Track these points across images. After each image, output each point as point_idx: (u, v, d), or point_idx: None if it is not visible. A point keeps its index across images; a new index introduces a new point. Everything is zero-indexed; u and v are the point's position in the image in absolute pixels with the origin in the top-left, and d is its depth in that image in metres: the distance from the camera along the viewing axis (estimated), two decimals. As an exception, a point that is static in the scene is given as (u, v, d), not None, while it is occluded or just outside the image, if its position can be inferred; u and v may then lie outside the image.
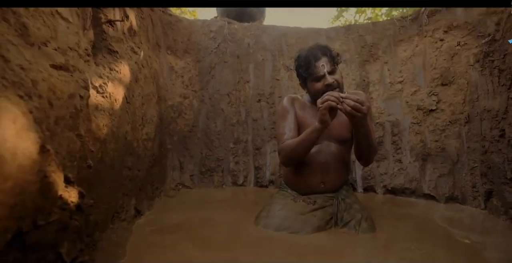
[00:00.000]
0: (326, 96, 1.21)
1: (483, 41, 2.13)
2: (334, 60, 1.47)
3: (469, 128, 2.13)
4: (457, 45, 2.22)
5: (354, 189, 2.36)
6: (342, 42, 2.68)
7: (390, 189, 2.31)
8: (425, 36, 2.41)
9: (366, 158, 1.51)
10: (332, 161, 1.54)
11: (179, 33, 2.52)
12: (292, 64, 2.95)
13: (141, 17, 2.06)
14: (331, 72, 1.46)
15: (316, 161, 1.54)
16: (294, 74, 2.94)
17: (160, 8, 2.40)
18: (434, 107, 2.29)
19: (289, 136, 1.53)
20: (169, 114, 2.35)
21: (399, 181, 2.29)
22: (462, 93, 2.19)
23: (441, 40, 2.32)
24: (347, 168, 1.61)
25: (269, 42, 2.73)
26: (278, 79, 2.67)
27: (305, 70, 1.50)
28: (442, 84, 2.28)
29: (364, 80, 2.59)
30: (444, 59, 2.29)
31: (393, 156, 2.38)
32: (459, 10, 2.30)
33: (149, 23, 2.21)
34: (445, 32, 2.32)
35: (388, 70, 2.53)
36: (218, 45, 2.62)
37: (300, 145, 1.38)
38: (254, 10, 2.88)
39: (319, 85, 1.48)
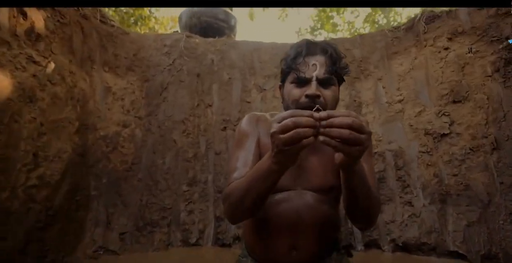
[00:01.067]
0: (291, 117, 0.60)
1: (501, 46, 1.69)
2: (334, 67, 0.90)
3: (498, 157, 1.60)
4: (469, 53, 1.77)
5: (352, 247, 1.72)
6: (325, 57, 2.24)
7: (401, 244, 1.69)
8: (425, 46, 1.98)
9: (363, 218, 0.92)
10: (308, 217, 0.94)
11: (123, 47, 2.04)
12: (265, 84, 2.51)
13: (58, 21, 1.59)
14: (323, 82, 0.89)
15: (283, 215, 0.94)
16: (269, 95, 2.53)
17: (99, 17, 1.95)
18: (447, 131, 1.77)
19: (241, 173, 0.92)
20: (98, 148, 1.77)
21: (413, 232, 1.68)
22: (482, 112, 1.69)
23: (446, 49, 1.89)
24: (333, 226, 1.01)
25: (238, 59, 2.27)
26: (248, 102, 2.16)
27: (288, 62, 0.94)
28: (454, 102, 1.79)
29: (354, 100, 2.10)
30: (453, 71, 1.83)
31: (400, 197, 1.80)
32: (462, 14, 1.90)
33: (76, 32, 1.74)
34: (449, 39, 1.89)
35: (384, 87, 2.06)
36: (172, 62, 2.14)
37: (248, 191, 0.79)
38: (222, 24, 2.48)
39: (297, 92, 0.88)
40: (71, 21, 1.69)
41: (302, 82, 0.87)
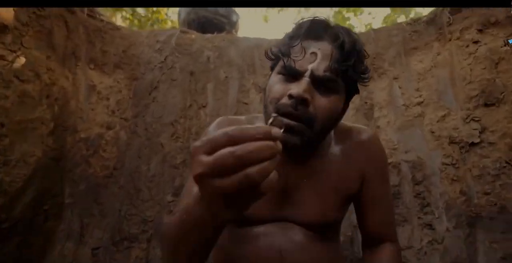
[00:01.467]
0: (230, 147, 0.32)
1: (545, 37, 1.40)
2: (345, 65, 0.61)
3: (544, 173, 1.30)
4: (504, 46, 1.49)
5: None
6: (333, 54, 2.00)
7: (419, 275, 1.41)
8: (450, 40, 1.70)
9: None
10: (294, 259, 0.70)
11: (112, 43, 1.91)
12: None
13: (34, 13, 1.47)
14: (321, 83, 0.61)
15: (261, 256, 0.71)
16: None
17: (86, 11, 1.83)
18: (477, 140, 1.48)
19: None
20: (78, 152, 1.63)
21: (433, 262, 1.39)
22: (522, 117, 1.39)
23: (475, 42, 1.60)
24: None
25: (237, 56, 2.08)
26: (246, 103, 1.96)
27: (282, 43, 0.70)
28: (486, 105, 1.50)
29: (366, 102, 1.84)
30: (484, 68, 1.54)
31: (419, 218, 1.52)
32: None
33: (59, 26, 1.62)
34: (480, 31, 1.61)
35: (400, 87, 1.79)
36: (164, 59, 1.98)
37: (179, 242, 0.54)
38: (222, 20, 2.31)
39: (280, 88, 0.62)
40: (51, 14, 1.57)
41: (291, 75, 0.61)
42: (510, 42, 1.47)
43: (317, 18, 0.65)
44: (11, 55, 1.30)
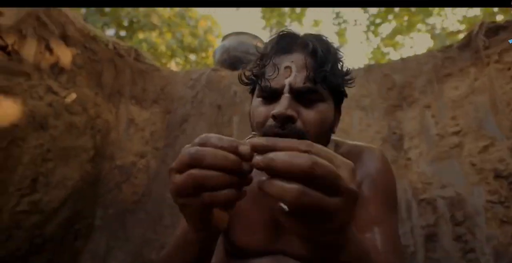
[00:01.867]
0: (198, 146, 0.35)
1: None
2: (322, 72, 0.57)
3: None
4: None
5: None
6: (359, 85, 1.97)
7: None
8: (488, 64, 1.57)
9: None
10: None
11: (152, 82, 2.17)
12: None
13: (88, 58, 1.77)
14: (302, 95, 0.58)
15: None
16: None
17: (133, 56, 2.15)
18: (529, 174, 1.27)
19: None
20: (112, 178, 1.80)
21: None
22: None
23: (517, 64, 1.46)
24: None
25: (264, 90, 2.17)
26: (270, 135, 1.99)
27: (253, 66, 0.69)
28: (536, 133, 1.30)
29: (394, 133, 1.73)
30: (530, 92, 1.37)
31: (462, 266, 1.29)
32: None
33: (108, 69, 1.91)
34: (521, 52, 1.46)
35: (433, 116, 1.66)
36: (196, 94, 2.16)
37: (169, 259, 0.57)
38: (251, 58, 2.47)
39: (262, 111, 0.59)
40: (102, 58, 1.87)
41: (271, 96, 0.58)
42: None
43: (283, 32, 0.63)
44: (64, 91, 1.57)
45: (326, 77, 0.56)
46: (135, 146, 1.95)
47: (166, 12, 4.66)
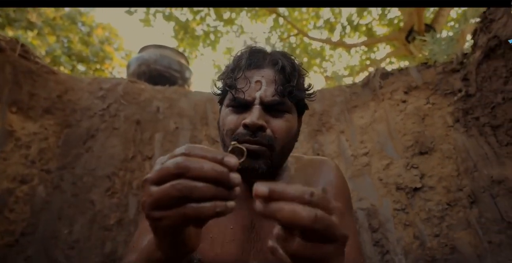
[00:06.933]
0: (181, 156, 0.36)
1: (455, 98, 1.85)
2: (289, 87, 0.69)
3: (479, 211, 1.55)
4: (427, 104, 1.90)
5: None
6: (284, 109, 2.26)
7: None
8: (383, 100, 2.11)
9: None
10: None
11: (44, 87, 1.88)
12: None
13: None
14: (271, 107, 0.69)
15: None
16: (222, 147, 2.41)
17: (18, 51, 1.83)
18: (418, 185, 1.73)
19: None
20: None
21: None
22: (451, 163, 1.70)
23: (404, 101, 2.02)
24: None
25: (189, 108, 2.20)
26: (198, 154, 1.99)
27: (224, 76, 0.75)
28: (421, 153, 1.81)
29: (318, 153, 2.05)
30: (414, 123, 1.91)
31: (381, 267, 1.59)
32: (413, 72, 2.12)
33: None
34: (406, 93, 2.04)
35: (347, 140, 2.06)
36: (107, 106, 1.99)
37: None
38: (174, 74, 2.49)
39: (233, 120, 0.69)
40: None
41: (241, 106, 0.68)
42: (430, 101, 1.90)
43: (254, 48, 0.74)
44: None
45: (292, 92, 0.68)
46: (13, 168, 1.60)
47: (51, 11, 4.11)
